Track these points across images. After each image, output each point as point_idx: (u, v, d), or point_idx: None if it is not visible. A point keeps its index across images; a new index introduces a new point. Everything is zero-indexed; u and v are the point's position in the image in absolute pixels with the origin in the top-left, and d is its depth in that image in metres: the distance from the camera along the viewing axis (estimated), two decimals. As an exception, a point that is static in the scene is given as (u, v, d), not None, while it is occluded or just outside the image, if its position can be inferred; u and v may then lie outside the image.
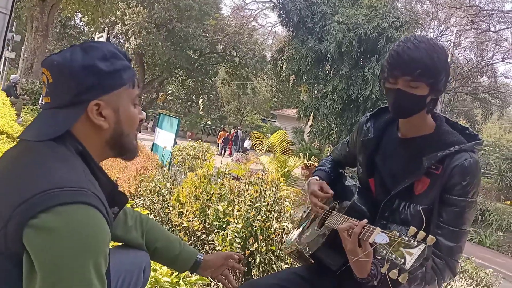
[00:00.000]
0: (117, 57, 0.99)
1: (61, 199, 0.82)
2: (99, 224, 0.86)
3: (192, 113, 33.48)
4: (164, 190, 3.71)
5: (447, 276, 1.26)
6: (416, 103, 1.28)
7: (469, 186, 1.25)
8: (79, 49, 0.97)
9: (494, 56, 19.98)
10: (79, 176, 0.89)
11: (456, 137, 1.32)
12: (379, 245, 1.05)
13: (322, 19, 15.16)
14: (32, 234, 0.80)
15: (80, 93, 0.94)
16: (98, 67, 0.95)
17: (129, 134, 1.04)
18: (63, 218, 0.81)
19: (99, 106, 0.96)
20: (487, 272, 3.07)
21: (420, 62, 1.22)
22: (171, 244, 1.41)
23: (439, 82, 1.26)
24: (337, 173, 1.72)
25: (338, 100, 14.92)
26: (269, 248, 2.66)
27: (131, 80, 1.02)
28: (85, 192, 0.86)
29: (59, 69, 0.94)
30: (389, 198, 1.36)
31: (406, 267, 0.97)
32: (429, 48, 1.24)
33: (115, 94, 0.98)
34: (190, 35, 25.33)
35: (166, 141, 6.61)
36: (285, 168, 7.96)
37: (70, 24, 29.70)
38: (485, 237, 10.73)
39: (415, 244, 0.99)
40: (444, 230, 1.25)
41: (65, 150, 0.93)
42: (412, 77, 1.24)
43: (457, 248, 1.26)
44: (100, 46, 0.99)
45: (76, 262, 0.82)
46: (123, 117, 1.01)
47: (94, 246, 0.84)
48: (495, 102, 22.50)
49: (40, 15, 15.73)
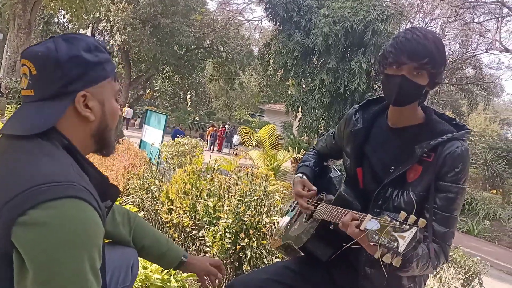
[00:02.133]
0: (99, 49, 0.98)
1: (49, 194, 0.80)
2: (90, 217, 0.85)
3: (180, 109, 33.29)
4: (153, 187, 3.68)
5: (442, 260, 1.30)
6: (415, 91, 1.30)
7: (461, 173, 1.28)
8: (62, 40, 0.95)
9: (478, 47, 20.22)
10: (67, 170, 0.88)
11: (446, 126, 1.36)
12: (370, 231, 1.05)
13: (308, 13, 15.16)
14: (21, 231, 0.79)
15: (66, 84, 0.92)
16: (84, 57, 0.94)
17: (112, 128, 1.03)
18: (52, 213, 0.80)
19: (86, 97, 0.95)
20: (475, 260, 3.11)
21: (429, 51, 1.25)
22: (158, 242, 1.41)
23: (439, 75, 1.30)
24: (321, 166, 1.74)
25: (326, 93, 14.97)
26: (259, 242, 2.67)
27: (113, 73, 1.01)
28: (74, 186, 0.84)
29: (44, 60, 0.92)
30: (382, 186, 1.37)
31: (399, 250, 0.98)
32: (436, 40, 1.28)
33: (100, 86, 0.97)
34: (176, 31, 25.10)
35: (154, 137, 6.57)
36: (275, 162, 7.97)
37: (54, 21, 29.18)
38: (473, 226, 10.91)
39: (407, 227, 1.00)
40: (438, 216, 1.29)
41: (50, 145, 0.91)
42: (418, 64, 1.26)
43: (450, 233, 1.30)
44: (82, 37, 0.97)
45: (69, 256, 0.80)
46: (108, 110, 1.00)
47: (87, 239, 0.83)
48: (480, 93, 22.79)
49: (23, 13, 15.45)
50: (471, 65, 21.14)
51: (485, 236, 10.81)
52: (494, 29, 18.16)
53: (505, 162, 15.89)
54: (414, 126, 1.39)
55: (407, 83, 1.28)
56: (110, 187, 1.02)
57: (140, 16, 24.75)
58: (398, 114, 1.40)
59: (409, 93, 1.30)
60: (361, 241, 1.12)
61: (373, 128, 1.49)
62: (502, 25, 17.83)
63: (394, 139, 1.42)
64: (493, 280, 3.88)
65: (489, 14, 18.21)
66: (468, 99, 22.40)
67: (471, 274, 3.07)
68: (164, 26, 25.00)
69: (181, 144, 5.29)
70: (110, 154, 1.08)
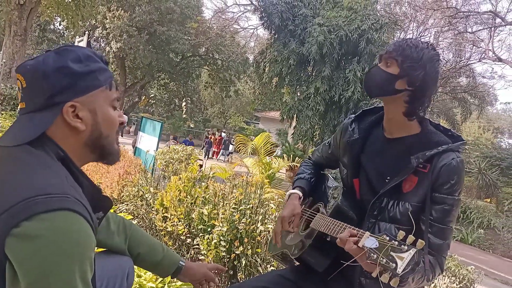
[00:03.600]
0: (92, 59, 0.98)
1: (43, 206, 0.80)
2: (83, 230, 0.85)
3: (175, 116, 33.23)
4: (147, 194, 3.67)
5: (437, 272, 1.30)
6: (385, 81, 1.35)
7: (457, 185, 1.29)
8: (53, 53, 0.96)
9: (472, 56, 20.40)
10: (61, 182, 0.88)
11: (442, 137, 1.36)
12: (369, 250, 1.05)
13: (303, 22, 15.24)
14: (15, 243, 0.78)
15: (53, 95, 0.93)
16: (71, 68, 0.94)
17: (108, 136, 1.02)
18: (46, 225, 0.80)
19: (75, 107, 0.95)
20: (470, 269, 3.12)
21: (399, 44, 1.34)
22: (154, 250, 1.41)
23: (413, 71, 1.31)
24: (318, 175, 1.74)
25: (321, 101, 15.01)
26: (254, 250, 2.66)
27: (108, 81, 1.01)
28: (68, 199, 0.84)
29: (32, 73, 0.93)
30: (377, 197, 1.37)
31: (398, 271, 0.98)
32: (420, 46, 1.32)
33: (91, 95, 0.97)
34: (172, 38, 25.14)
35: (149, 145, 6.54)
36: (269, 170, 7.96)
37: (50, 28, 29.14)
38: (467, 234, 10.94)
39: (406, 248, 1.00)
40: (434, 228, 1.29)
41: (45, 156, 0.91)
42: (388, 54, 1.35)
43: (445, 245, 1.30)
44: (74, 49, 0.98)
45: (61, 269, 0.80)
46: (101, 119, 0.99)
47: (79, 252, 0.83)
48: (474, 101, 22.97)
49: (19, 19, 15.41)
50: (464, 74, 21.32)
51: (479, 245, 10.84)
52: (487, 39, 18.37)
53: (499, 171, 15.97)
54: (410, 137, 1.39)
55: (377, 70, 1.38)
56: (102, 199, 1.02)
57: (136, 24, 24.79)
58: (391, 123, 1.41)
59: (377, 80, 1.37)
60: (359, 259, 1.12)
61: (369, 138, 1.50)
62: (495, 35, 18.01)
63: (390, 149, 1.42)
64: (487, 289, 3.89)
65: (482, 24, 18.42)
66: (462, 107, 22.57)
67: (465, 283, 3.08)
68: (160, 34, 25.05)
69: (176, 151, 5.27)
70: (114, 162, 1.07)
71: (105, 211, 1.04)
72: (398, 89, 1.33)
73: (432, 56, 1.32)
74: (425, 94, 1.34)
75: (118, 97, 1.06)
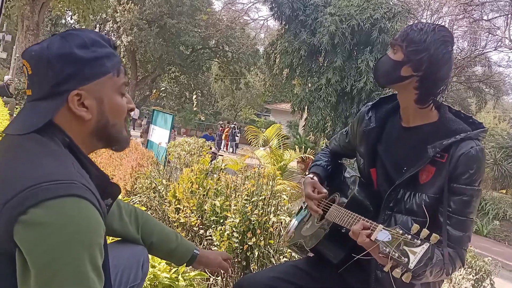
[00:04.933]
0: (99, 44, 0.94)
1: (50, 192, 0.79)
2: (91, 215, 0.84)
3: (186, 109, 33.35)
4: (160, 186, 3.68)
5: (458, 265, 1.26)
6: (390, 67, 1.32)
7: (476, 175, 1.24)
8: (59, 37, 0.93)
9: (487, 45, 20.01)
10: (68, 169, 0.86)
11: (461, 125, 1.31)
12: (381, 243, 1.03)
13: (314, 12, 15.09)
14: (23, 230, 0.78)
15: (58, 83, 0.90)
16: (77, 55, 0.91)
17: (115, 124, 0.99)
18: (54, 211, 0.79)
19: (81, 96, 0.92)
20: (486, 261, 3.07)
21: (407, 31, 1.30)
22: (167, 238, 1.40)
23: (417, 55, 1.26)
24: (335, 164, 1.69)
25: (332, 92, 14.89)
26: (267, 242, 2.65)
27: (116, 67, 0.97)
28: (75, 185, 0.83)
29: (37, 59, 0.90)
30: (393, 188, 1.34)
31: (410, 266, 0.95)
32: (426, 26, 1.28)
33: (98, 83, 0.94)
34: (182, 31, 25.17)
35: (160, 137, 6.58)
36: (281, 162, 7.95)
37: (61, 22, 29.40)
38: (482, 226, 10.82)
39: (419, 243, 0.97)
40: (453, 220, 1.24)
41: (51, 143, 0.90)
42: (395, 41, 1.32)
43: (466, 237, 1.25)
44: (80, 33, 0.94)
45: (70, 255, 0.79)
46: (108, 107, 0.97)
47: (88, 238, 0.82)
48: (489, 91, 22.55)
49: (31, 14, 15.56)
50: (480, 63, 20.94)
51: (494, 236, 10.72)
52: (504, 27, 18.00)
53: (514, 161, 15.70)
54: (427, 125, 1.34)
55: (385, 59, 1.36)
56: (111, 186, 1.01)
57: (146, 17, 24.86)
58: (408, 111, 1.37)
59: (384, 68, 1.35)
60: (372, 252, 1.10)
61: (386, 127, 1.45)
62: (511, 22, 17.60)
63: (407, 138, 1.38)
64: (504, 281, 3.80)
65: (498, 11, 18.02)
66: (476, 97, 22.19)
67: (482, 274, 3.03)
68: (170, 27, 25.08)
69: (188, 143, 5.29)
70: (122, 149, 1.05)
71: (114, 197, 1.03)
72: (404, 76, 1.29)
73: (438, 38, 1.25)
74: (436, 78, 1.27)
75: (127, 82, 1.02)
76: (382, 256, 1.03)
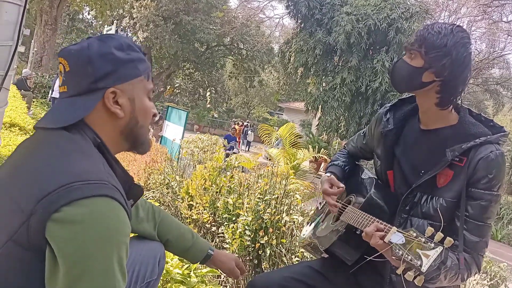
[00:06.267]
0: (132, 49, 1.00)
1: (83, 192, 0.82)
2: (120, 216, 0.87)
3: (199, 106, 33.49)
4: (173, 182, 3.71)
5: (474, 270, 1.24)
6: (409, 74, 1.28)
7: (495, 180, 1.21)
8: (96, 39, 0.98)
9: (506, 47, 19.71)
10: (99, 169, 0.90)
11: (481, 128, 1.28)
12: (394, 245, 1.02)
13: (330, 10, 15.00)
14: (55, 227, 0.80)
15: (97, 80, 0.94)
16: (115, 55, 0.96)
17: (143, 125, 1.04)
18: (86, 211, 0.82)
19: (115, 94, 0.97)
20: (502, 267, 3.02)
21: (420, 34, 1.27)
22: (183, 236, 1.42)
23: (438, 61, 1.23)
24: (352, 165, 1.68)
25: (347, 92, 14.80)
26: (279, 241, 2.64)
27: (146, 72, 1.03)
28: (106, 185, 0.86)
29: (77, 57, 0.95)
30: (410, 191, 1.32)
31: (422, 269, 0.94)
32: (444, 31, 1.24)
33: (131, 83, 0.99)
34: (197, 28, 25.23)
35: (174, 134, 6.62)
36: (294, 161, 7.92)
37: (78, 17, 29.78)
38: (497, 231, 10.66)
39: (432, 246, 0.96)
40: (470, 225, 1.22)
41: (83, 142, 0.93)
42: (411, 46, 1.28)
43: (483, 243, 1.23)
44: (116, 37, 1.00)
45: (99, 254, 0.82)
46: (138, 108, 1.01)
47: (117, 238, 0.85)
48: (507, 94, 22.16)
49: (49, 9, 15.80)
50: (497, 66, 20.58)
51: (509, 242, 10.55)
52: (524, 29, 17.61)
53: (531, 166, 15.41)
54: (447, 128, 1.32)
55: (402, 64, 1.31)
56: (134, 187, 1.03)
57: (162, 13, 24.99)
58: (426, 114, 1.35)
59: (402, 74, 1.32)
60: (385, 254, 1.09)
61: (405, 129, 1.43)
62: (531, 25, 17.23)
63: (425, 141, 1.36)
64: (518, 287, 3.75)
65: (518, 13, 17.65)
66: (493, 100, 21.83)
67: (496, 280, 2.98)
68: (185, 23, 25.18)
69: (202, 140, 5.30)
70: (145, 151, 1.09)
71: (136, 199, 1.05)
72: (426, 82, 1.26)
73: (458, 40, 1.23)
74: (458, 80, 1.25)
75: (154, 89, 1.07)
76: (395, 259, 1.02)
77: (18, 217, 0.83)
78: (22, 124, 5.52)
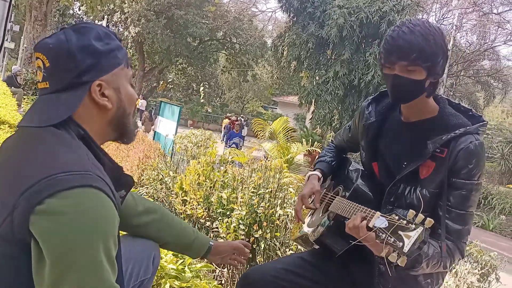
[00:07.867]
0: (110, 37, 0.98)
1: (66, 183, 0.81)
2: (106, 206, 0.85)
3: (193, 101, 33.35)
4: (167, 178, 3.71)
5: (457, 257, 1.28)
6: (414, 87, 1.27)
7: (475, 169, 1.24)
8: (72, 31, 0.95)
9: (497, 38, 19.80)
10: (83, 160, 0.88)
11: (460, 119, 1.31)
12: (378, 229, 1.05)
13: (322, 4, 14.97)
14: (39, 220, 0.79)
15: (80, 74, 0.93)
16: (95, 46, 0.94)
17: (130, 113, 1.04)
18: (70, 202, 0.80)
19: (101, 86, 0.96)
20: (492, 256, 3.06)
21: (416, 45, 1.21)
22: (184, 232, 1.43)
23: (437, 65, 1.25)
24: (340, 159, 1.71)
25: (340, 85, 14.82)
26: (273, 234, 2.67)
27: (125, 59, 1.02)
28: (91, 175, 0.85)
29: (56, 52, 0.92)
30: (394, 183, 1.35)
31: (404, 250, 0.97)
32: (425, 31, 1.23)
33: (114, 73, 0.98)
34: (190, 22, 25.08)
35: (167, 129, 6.60)
36: (288, 154, 7.95)
37: (69, 13, 29.43)
38: (488, 220, 10.78)
39: (413, 227, 0.99)
40: (452, 214, 1.25)
41: (66, 135, 0.91)
42: (408, 62, 1.23)
43: (465, 230, 1.27)
44: (93, 27, 0.98)
45: (86, 245, 0.81)
46: (124, 96, 1.01)
47: (103, 228, 0.84)
48: (498, 85, 22.33)
49: (39, 5, 15.59)
50: (488, 57, 20.72)
51: (501, 231, 10.68)
52: (514, 20, 17.70)
53: (522, 156, 15.56)
54: (427, 120, 1.34)
55: (400, 80, 1.26)
56: (124, 177, 1.02)
57: (154, 8, 24.80)
58: (408, 108, 1.37)
59: (406, 90, 1.28)
60: (364, 241, 1.12)
61: (387, 121, 1.46)
62: (522, 16, 17.33)
63: (407, 133, 1.38)
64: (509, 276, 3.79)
65: (509, 4, 17.77)
66: (485, 91, 22.01)
67: (487, 269, 3.03)
68: (177, 18, 25.01)
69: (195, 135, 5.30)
70: (130, 141, 1.08)
71: (127, 189, 1.04)
72: (427, 86, 1.29)
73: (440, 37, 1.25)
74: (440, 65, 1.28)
75: (133, 74, 1.06)
76: (379, 243, 1.05)
77: (1, 212, 0.82)
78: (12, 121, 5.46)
